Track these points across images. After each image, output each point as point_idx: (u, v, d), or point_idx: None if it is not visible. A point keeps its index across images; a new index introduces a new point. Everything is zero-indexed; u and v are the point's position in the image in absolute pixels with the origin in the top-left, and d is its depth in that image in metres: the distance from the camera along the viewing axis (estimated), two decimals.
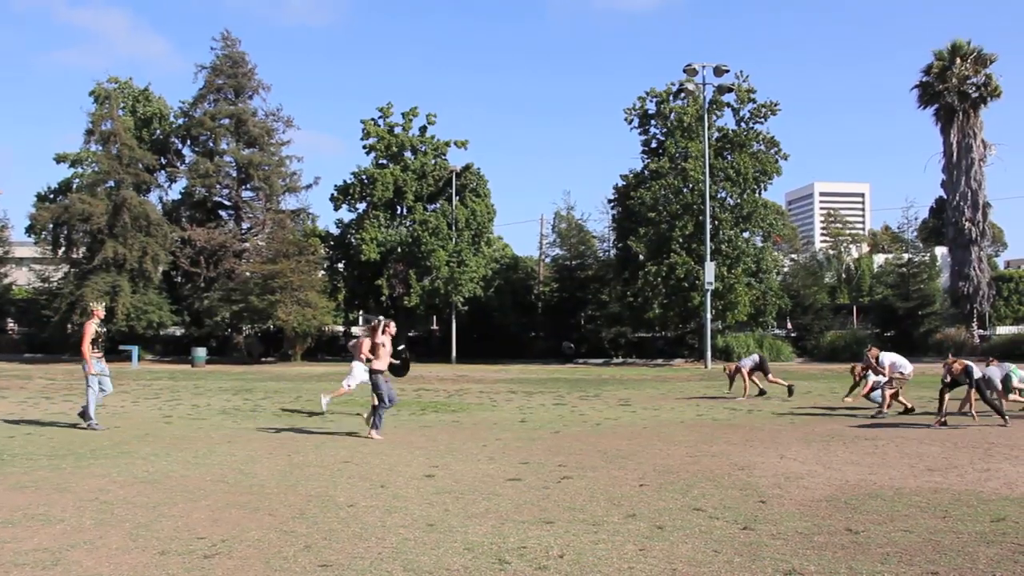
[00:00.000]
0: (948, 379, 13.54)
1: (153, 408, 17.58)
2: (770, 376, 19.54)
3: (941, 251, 54.71)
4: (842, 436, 12.28)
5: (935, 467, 9.53)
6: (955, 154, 43.33)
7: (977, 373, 13.30)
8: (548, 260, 52.57)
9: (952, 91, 42.78)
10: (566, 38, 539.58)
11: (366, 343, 14.18)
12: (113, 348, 42.94)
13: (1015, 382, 14.46)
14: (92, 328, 14.01)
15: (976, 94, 43.09)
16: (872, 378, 16.48)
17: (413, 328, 50.33)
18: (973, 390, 13.54)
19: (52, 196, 49.35)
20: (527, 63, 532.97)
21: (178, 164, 48.65)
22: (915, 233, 52.19)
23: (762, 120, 41.94)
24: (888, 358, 15.60)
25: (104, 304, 16.37)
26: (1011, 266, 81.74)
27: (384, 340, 12.60)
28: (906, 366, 15.51)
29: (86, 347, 13.88)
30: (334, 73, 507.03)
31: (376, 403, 12.65)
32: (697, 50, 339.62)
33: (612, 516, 7.19)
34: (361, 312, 52.90)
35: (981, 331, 44.07)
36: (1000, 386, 14.03)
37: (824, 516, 7.13)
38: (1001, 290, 58.47)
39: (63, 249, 45.49)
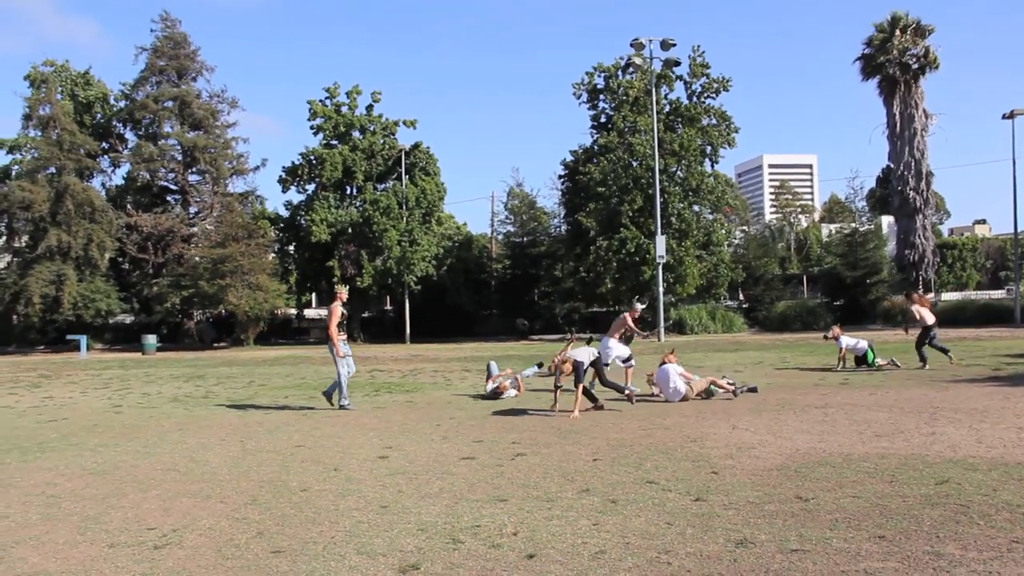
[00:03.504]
0: (562, 380, 12.55)
1: (102, 398, 17.28)
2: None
3: (887, 220, 55.63)
4: (792, 406, 12.45)
5: (883, 433, 9.70)
6: (898, 125, 43.98)
7: (586, 361, 12.50)
8: (500, 237, 52.56)
9: (893, 62, 43.33)
10: (513, 14, 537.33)
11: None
12: (60, 338, 42.37)
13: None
14: (339, 310, 13.84)
15: (916, 65, 43.69)
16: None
17: (366, 309, 50.14)
18: (577, 379, 12.44)
19: None
20: (473, 41, 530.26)
21: (120, 148, 47.68)
22: (863, 203, 52.97)
23: (714, 95, 42.28)
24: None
25: (347, 287, 15.91)
26: (954, 234, 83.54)
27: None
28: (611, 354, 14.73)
29: (333, 329, 13.70)
30: (272, 55, 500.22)
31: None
32: (647, 23, 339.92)
33: (566, 492, 7.22)
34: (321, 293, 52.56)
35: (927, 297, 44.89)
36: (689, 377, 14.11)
37: (775, 485, 7.22)
38: (945, 257, 59.86)
39: (3, 238, 44.58)
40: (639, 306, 17.05)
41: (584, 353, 12.76)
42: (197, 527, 6.44)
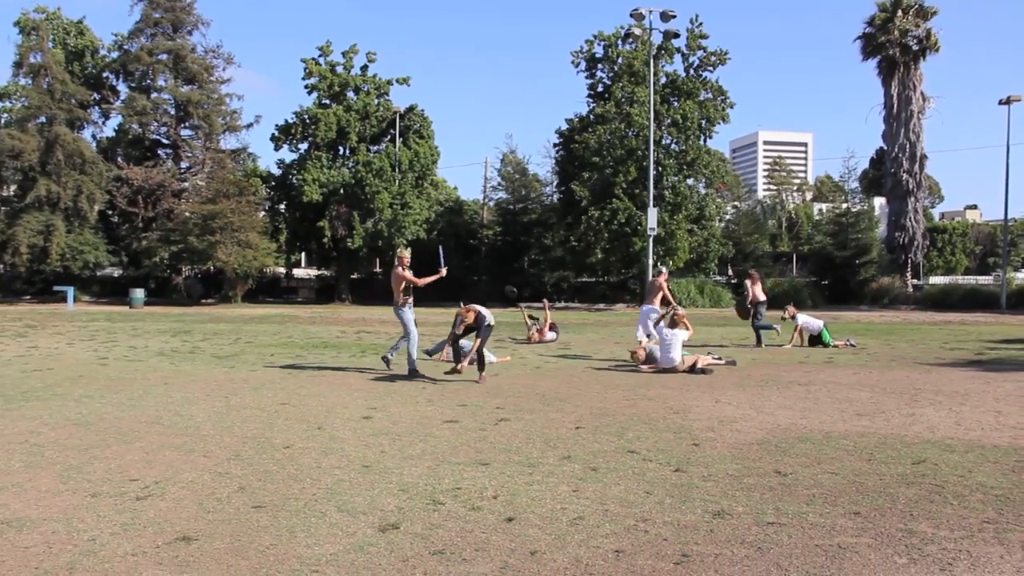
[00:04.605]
0: (461, 329, 12.52)
1: (88, 350, 17.26)
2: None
3: (879, 201, 55.72)
4: (776, 381, 12.52)
5: (864, 412, 9.78)
6: (895, 106, 43.95)
7: (490, 320, 12.46)
8: (492, 204, 52.46)
9: (894, 43, 43.23)
10: None
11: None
12: (47, 289, 42.21)
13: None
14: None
15: (917, 47, 43.62)
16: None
17: (355, 271, 50.08)
18: (480, 338, 12.32)
19: None
20: (471, 4, 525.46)
21: (112, 100, 47.26)
22: (856, 183, 53.02)
23: (711, 68, 42.11)
24: None
25: (410, 249, 15.47)
26: (945, 218, 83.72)
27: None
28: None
29: (400, 291, 13.44)
30: (269, 13, 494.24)
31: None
32: None
33: (547, 458, 7.27)
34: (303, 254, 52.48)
35: (915, 281, 45.14)
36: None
37: (754, 459, 7.28)
38: (935, 241, 60.01)
39: None
40: (665, 269, 17.29)
41: (488, 314, 12.63)
42: (179, 480, 6.47)
